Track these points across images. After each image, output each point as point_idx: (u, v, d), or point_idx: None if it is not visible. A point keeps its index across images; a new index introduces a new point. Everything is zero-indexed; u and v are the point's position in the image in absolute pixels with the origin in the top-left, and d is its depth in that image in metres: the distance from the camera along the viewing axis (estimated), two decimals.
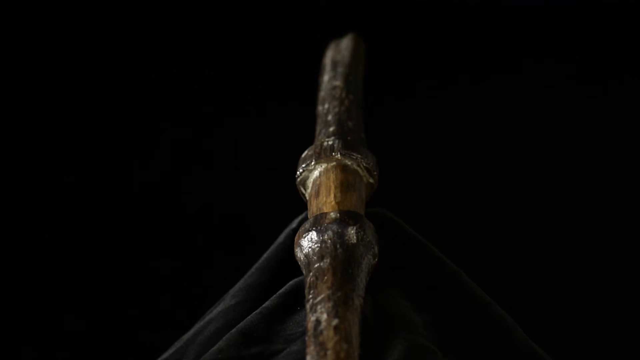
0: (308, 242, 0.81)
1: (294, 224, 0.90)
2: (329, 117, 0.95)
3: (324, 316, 0.73)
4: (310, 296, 0.76)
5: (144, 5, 1.90)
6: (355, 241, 0.79)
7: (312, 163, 0.88)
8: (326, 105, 0.98)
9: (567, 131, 1.63)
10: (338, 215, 0.81)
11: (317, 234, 0.80)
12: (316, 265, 0.78)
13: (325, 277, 0.77)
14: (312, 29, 1.87)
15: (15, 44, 1.83)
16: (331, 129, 0.92)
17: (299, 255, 0.82)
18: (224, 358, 0.81)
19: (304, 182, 0.89)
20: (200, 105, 1.70)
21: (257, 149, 1.60)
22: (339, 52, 1.09)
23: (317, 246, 0.80)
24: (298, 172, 0.89)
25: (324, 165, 0.88)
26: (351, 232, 0.80)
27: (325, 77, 1.04)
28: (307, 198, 0.88)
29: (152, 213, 1.47)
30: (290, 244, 0.86)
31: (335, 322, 0.72)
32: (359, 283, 0.77)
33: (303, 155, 0.90)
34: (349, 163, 0.87)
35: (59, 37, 1.84)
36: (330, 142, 0.88)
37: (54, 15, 1.88)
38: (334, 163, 0.87)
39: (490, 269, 0.95)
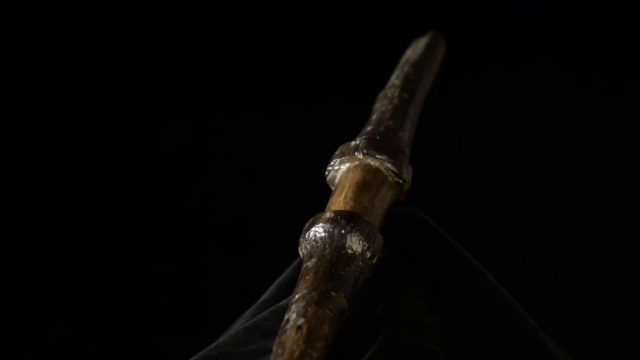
0: (304, 241, 0.81)
1: None
2: (374, 116, 0.95)
3: (294, 315, 0.73)
4: (293, 294, 0.76)
5: (144, 6, 1.90)
6: (344, 241, 0.79)
7: (337, 162, 0.88)
8: (377, 104, 0.98)
9: (570, 130, 1.63)
10: (332, 215, 0.81)
11: (311, 233, 0.81)
12: (304, 265, 0.79)
13: (307, 277, 0.77)
14: (312, 29, 1.88)
15: (14, 45, 1.83)
16: (369, 128, 0.92)
17: (300, 254, 0.82)
18: (217, 354, 0.81)
19: (332, 181, 0.90)
20: (200, 105, 1.70)
21: (257, 148, 1.60)
22: (415, 50, 1.09)
23: (310, 245, 0.80)
24: (326, 171, 0.90)
25: (347, 165, 0.88)
26: (342, 231, 0.79)
27: (393, 76, 1.04)
28: None
29: (152, 213, 1.47)
30: None
31: (300, 321, 0.72)
32: (343, 282, 0.77)
33: (334, 154, 0.90)
34: (372, 163, 0.87)
35: (58, 40, 1.84)
36: (357, 142, 0.88)
37: (54, 18, 1.88)
38: (357, 162, 0.87)
39: (491, 267, 0.95)
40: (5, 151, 1.60)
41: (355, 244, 0.79)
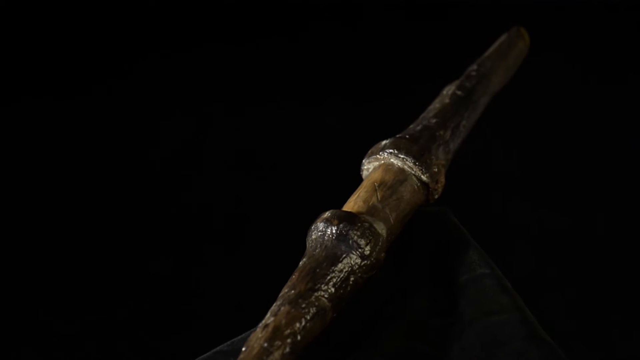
0: (307, 241, 0.81)
1: None
2: (423, 114, 0.94)
3: (268, 314, 0.74)
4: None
5: (144, 5, 1.90)
6: (335, 241, 0.79)
7: (366, 161, 0.89)
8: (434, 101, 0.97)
9: (571, 130, 1.63)
10: (329, 214, 0.81)
11: (310, 233, 0.81)
12: (298, 265, 0.79)
13: (294, 276, 0.77)
14: (312, 29, 1.88)
15: (14, 45, 1.83)
16: (411, 125, 0.92)
17: None
18: (229, 350, 0.81)
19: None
20: (200, 104, 1.70)
21: (257, 148, 1.60)
22: (492, 47, 1.07)
23: (308, 245, 0.80)
24: (361, 170, 0.90)
25: (373, 164, 0.88)
26: (334, 232, 0.79)
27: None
28: None
29: (152, 213, 1.47)
30: None
31: (269, 320, 0.73)
32: (327, 282, 0.76)
33: (367, 153, 0.90)
34: (395, 162, 0.87)
35: (58, 39, 1.84)
36: (385, 141, 0.88)
37: (53, 17, 1.88)
38: (381, 162, 0.87)
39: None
40: (5, 151, 1.60)
41: (347, 244, 0.79)
